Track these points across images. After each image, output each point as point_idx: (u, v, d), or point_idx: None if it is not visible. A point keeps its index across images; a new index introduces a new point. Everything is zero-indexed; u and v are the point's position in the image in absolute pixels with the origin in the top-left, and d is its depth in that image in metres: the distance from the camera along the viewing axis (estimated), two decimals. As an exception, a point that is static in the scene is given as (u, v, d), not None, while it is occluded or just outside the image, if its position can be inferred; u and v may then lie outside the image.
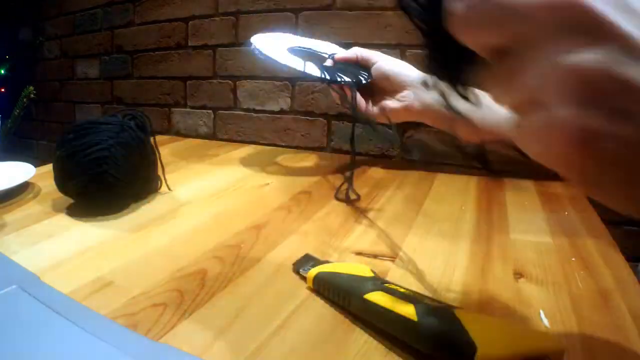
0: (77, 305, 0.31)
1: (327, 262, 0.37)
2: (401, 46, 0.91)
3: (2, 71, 1.46)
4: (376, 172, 0.71)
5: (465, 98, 0.23)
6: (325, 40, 0.74)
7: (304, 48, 0.67)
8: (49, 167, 0.52)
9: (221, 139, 1.10)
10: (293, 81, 1.01)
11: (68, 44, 1.38)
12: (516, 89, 0.20)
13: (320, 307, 0.33)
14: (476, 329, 0.24)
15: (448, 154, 0.79)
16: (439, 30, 0.20)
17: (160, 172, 0.57)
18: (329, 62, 0.65)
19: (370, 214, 0.52)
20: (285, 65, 0.58)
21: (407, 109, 0.61)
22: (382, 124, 0.62)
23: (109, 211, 0.50)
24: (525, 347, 0.23)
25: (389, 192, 0.60)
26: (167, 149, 0.85)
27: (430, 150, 0.84)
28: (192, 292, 0.34)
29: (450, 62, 0.22)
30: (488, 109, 0.23)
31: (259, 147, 0.94)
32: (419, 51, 0.90)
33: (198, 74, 1.13)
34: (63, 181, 0.49)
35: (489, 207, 0.55)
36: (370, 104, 0.63)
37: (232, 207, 0.54)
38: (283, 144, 1.04)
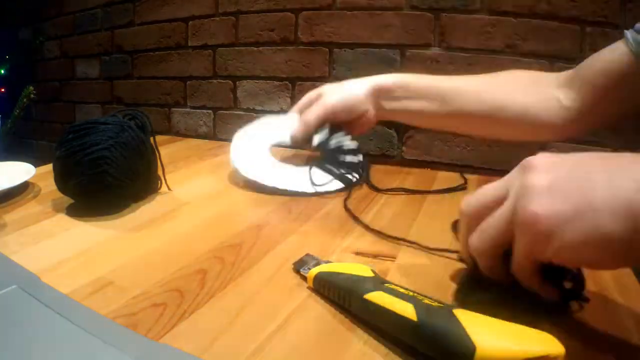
0: (77, 305, 0.31)
1: (327, 262, 0.37)
2: (401, 46, 0.91)
3: (2, 71, 1.46)
4: (376, 172, 0.71)
5: None
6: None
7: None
8: (49, 167, 0.52)
9: (221, 139, 1.10)
10: (293, 81, 1.01)
11: (68, 44, 1.38)
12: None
13: (320, 307, 0.33)
14: (476, 329, 0.24)
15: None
16: None
17: (160, 172, 0.57)
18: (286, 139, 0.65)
19: (371, 214, 0.52)
20: (272, 187, 0.58)
21: (374, 122, 0.66)
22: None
23: (109, 211, 0.50)
24: (525, 348, 0.23)
25: (389, 192, 0.60)
26: (167, 149, 0.85)
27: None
28: (192, 292, 0.34)
29: None
30: None
31: (259, 147, 0.93)
32: (419, 51, 0.90)
33: (198, 74, 1.13)
34: (63, 181, 0.49)
35: (489, 207, 0.55)
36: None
37: (232, 207, 0.54)
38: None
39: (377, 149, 0.96)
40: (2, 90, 1.48)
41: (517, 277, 0.31)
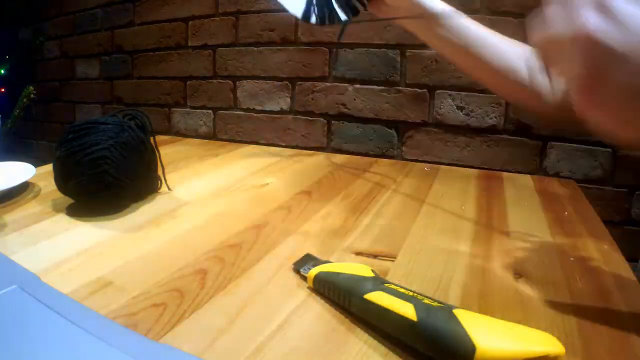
0: (77, 305, 0.31)
1: (327, 262, 0.37)
2: (401, 46, 0.91)
3: (2, 71, 1.46)
4: (376, 172, 0.71)
5: None
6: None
7: None
8: (49, 167, 0.52)
9: (221, 139, 1.10)
10: (293, 81, 1.01)
11: (68, 44, 1.38)
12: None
13: (320, 307, 0.33)
14: (476, 329, 0.24)
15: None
16: None
17: (160, 172, 0.57)
18: None
19: (370, 214, 0.52)
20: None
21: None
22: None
23: (109, 211, 0.50)
24: (525, 348, 0.23)
25: (389, 192, 0.60)
26: (167, 149, 0.85)
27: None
28: (192, 292, 0.34)
29: None
30: None
31: (259, 147, 0.94)
32: (419, 51, 0.90)
33: (198, 74, 1.13)
34: (63, 181, 0.49)
35: (489, 206, 0.55)
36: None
37: (232, 207, 0.54)
38: (283, 144, 1.04)
39: (377, 149, 0.96)
40: (2, 90, 1.48)
41: None
